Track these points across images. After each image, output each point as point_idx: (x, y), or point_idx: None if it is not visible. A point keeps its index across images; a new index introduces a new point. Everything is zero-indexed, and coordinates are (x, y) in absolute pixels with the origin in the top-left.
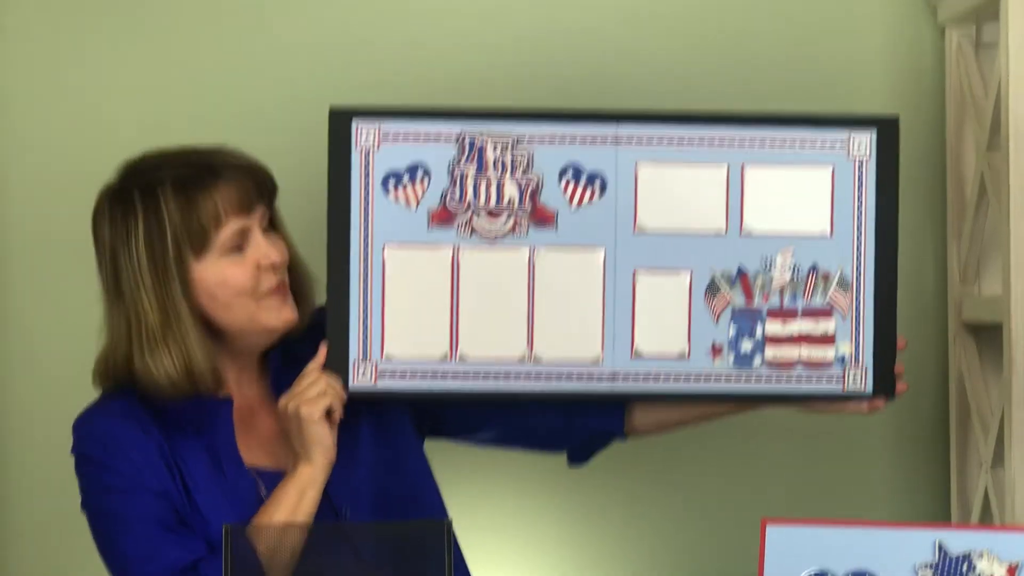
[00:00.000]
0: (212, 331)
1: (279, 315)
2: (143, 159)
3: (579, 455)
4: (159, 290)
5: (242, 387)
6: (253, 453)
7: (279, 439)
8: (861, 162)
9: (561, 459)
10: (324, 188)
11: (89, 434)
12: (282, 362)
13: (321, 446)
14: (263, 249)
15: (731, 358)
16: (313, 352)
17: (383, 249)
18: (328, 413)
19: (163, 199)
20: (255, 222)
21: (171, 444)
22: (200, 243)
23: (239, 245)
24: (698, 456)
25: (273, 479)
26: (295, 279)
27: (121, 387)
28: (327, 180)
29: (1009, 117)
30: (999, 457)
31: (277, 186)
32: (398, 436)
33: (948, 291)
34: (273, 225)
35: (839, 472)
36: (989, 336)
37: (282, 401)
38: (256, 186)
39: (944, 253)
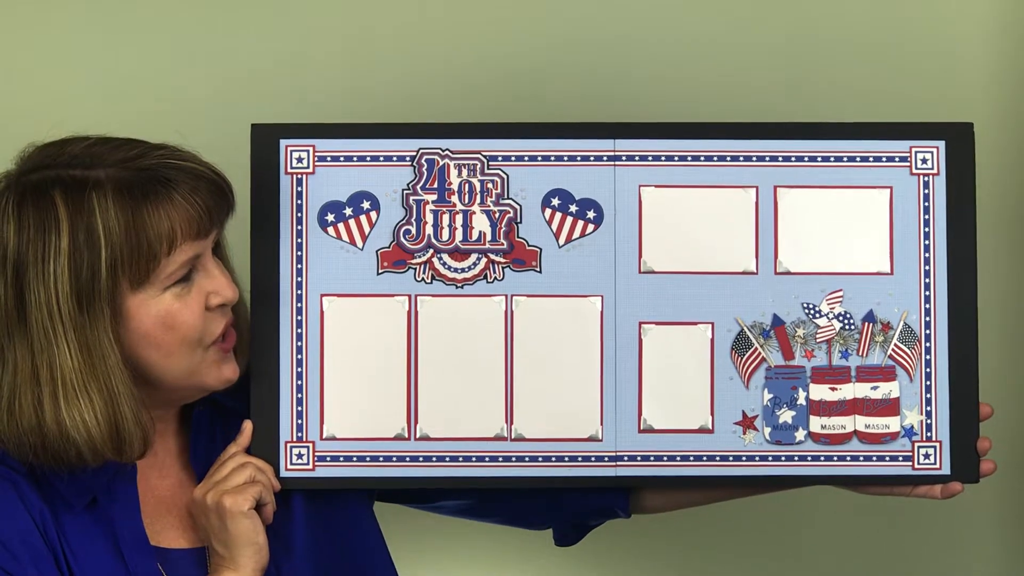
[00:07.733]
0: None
1: (219, 371)
2: (65, 147)
3: (569, 535)
4: (82, 326)
5: (152, 446)
6: (165, 531)
7: None
8: (927, 180)
9: (546, 534)
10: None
11: None
12: (210, 420)
13: (251, 546)
14: (216, 282)
15: (767, 432)
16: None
17: (321, 300)
18: (258, 506)
19: (99, 208)
20: (208, 248)
21: (58, 522)
22: (143, 271)
23: (185, 276)
24: (743, 524)
25: (189, 563)
26: (237, 324)
27: None
28: (250, 214)
29: None
30: None
31: (235, 203)
32: (341, 504)
33: None
34: (216, 249)
35: (929, 550)
36: None
37: (198, 491)
38: (216, 202)
39: None
